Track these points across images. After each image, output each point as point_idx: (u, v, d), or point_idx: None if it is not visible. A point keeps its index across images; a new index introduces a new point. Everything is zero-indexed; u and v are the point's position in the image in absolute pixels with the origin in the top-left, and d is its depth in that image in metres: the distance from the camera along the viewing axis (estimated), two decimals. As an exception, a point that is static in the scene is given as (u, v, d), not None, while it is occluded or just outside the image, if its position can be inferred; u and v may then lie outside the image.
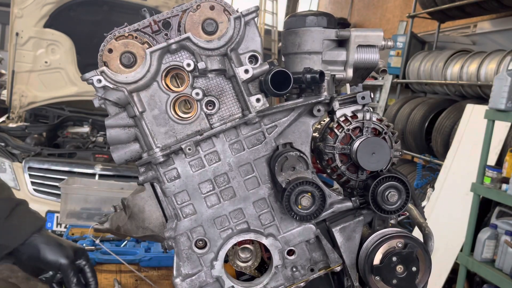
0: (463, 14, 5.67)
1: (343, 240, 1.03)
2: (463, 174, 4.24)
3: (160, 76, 0.98)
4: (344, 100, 1.04)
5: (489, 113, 3.52)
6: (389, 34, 7.35)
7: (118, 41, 0.95)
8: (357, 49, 1.03)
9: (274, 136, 1.02)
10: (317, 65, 1.04)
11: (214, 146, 1.00)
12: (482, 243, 3.45)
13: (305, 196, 0.94)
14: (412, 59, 6.15)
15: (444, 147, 4.90)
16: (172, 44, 0.96)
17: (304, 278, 1.05)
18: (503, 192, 3.35)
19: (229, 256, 1.05)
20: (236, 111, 1.00)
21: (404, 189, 0.98)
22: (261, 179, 1.02)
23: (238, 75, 0.97)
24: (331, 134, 1.03)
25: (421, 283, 1.00)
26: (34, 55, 5.15)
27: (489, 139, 3.56)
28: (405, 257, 0.98)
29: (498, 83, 3.37)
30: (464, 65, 5.10)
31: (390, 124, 1.03)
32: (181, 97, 0.99)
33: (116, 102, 0.97)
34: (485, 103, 4.02)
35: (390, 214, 1.00)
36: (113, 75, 0.95)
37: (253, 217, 1.03)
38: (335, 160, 1.02)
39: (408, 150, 5.75)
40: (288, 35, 1.06)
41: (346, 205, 1.04)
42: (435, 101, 5.62)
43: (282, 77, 0.93)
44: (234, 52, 0.98)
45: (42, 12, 5.02)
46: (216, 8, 0.97)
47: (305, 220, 0.97)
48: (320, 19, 1.03)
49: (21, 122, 5.29)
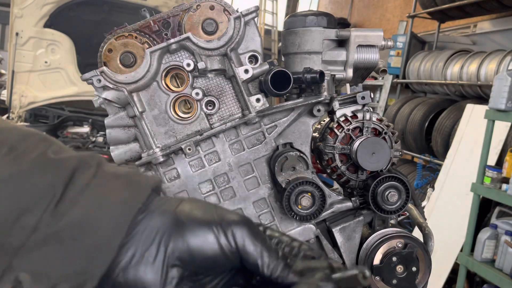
0: (463, 14, 5.67)
1: (343, 240, 1.03)
2: (463, 174, 4.24)
3: (160, 76, 0.98)
4: (344, 100, 1.04)
5: (489, 113, 3.52)
6: (389, 34, 7.34)
7: (118, 41, 0.95)
8: (357, 49, 1.03)
9: (274, 136, 1.01)
10: (317, 65, 1.04)
11: (214, 146, 1.00)
12: (482, 243, 3.45)
13: (305, 196, 0.94)
14: (412, 59, 6.15)
15: (444, 147, 4.90)
16: (172, 44, 0.96)
17: (304, 278, 1.05)
18: (503, 192, 3.35)
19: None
20: (236, 111, 1.00)
21: (404, 189, 0.98)
22: (261, 179, 1.02)
23: (238, 75, 0.97)
24: (331, 134, 1.03)
25: (421, 283, 1.00)
26: (34, 55, 5.15)
27: (489, 139, 3.56)
28: (405, 257, 0.98)
29: (498, 83, 3.37)
30: (464, 65, 5.10)
31: (390, 124, 1.03)
32: (181, 97, 0.99)
33: (116, 102, 0.97)
34: (485, 103, 4.02)
35: (390, 214, 0.99)
36: (113, 75, 0.95)
37: (253, 217, 1.02)
38: (335, 160, 1.02)
39: (408, 150, 5.75)
40: (288, 35, 1.06)
41: (346, 205, 1.04)
42: (435, 101, 5.62)
43: (282, 77, 0.93)
44: (234, 52, 0.98)
45: (42, 12, 5.03)
46: (216, 8, 0.97)
47: (305, 220, 0.97)
48: (320, 19, 1.03)
49: (21, 122, 5.29)
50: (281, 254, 0.54)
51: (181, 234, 0.52)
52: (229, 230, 0.52)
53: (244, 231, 0.53)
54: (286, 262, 0.53)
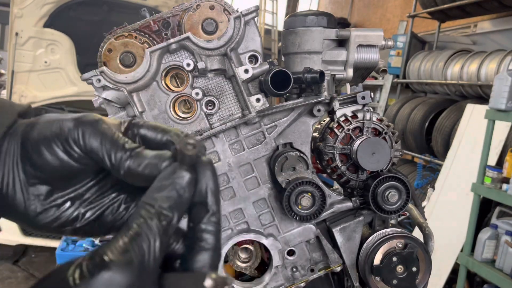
0: (463, 14, 5.67)
1: (343, 240, 1.03)
2: (463, 174, 4.24)
3: (159, 76, 0.98)
4: (344, 100, 1.04)
5: (490, 113, 3.52)
6: (389, 34, 7.34)
7: (117, 41, 0.95)
8: (357, 49, 1.02)
9: (274, 136, 1.01)
10: (317, 65, 1.03)
11: (214, 146, 1.00)
12: (482, 243, 3.45)
13: (305, 196, 0.94)
14: (413, 59, 6.15)
15: (445, 147, 4.90)
16: (171, 44, 0.95)
17: (304, 278, 1.05)
18: (503, 192, 3.35)
19: (229, 256, 1.04)
20: (236, 111, 1.00)
21: (404, 189, 0.98)
22: (261, 179, 1.02)
23: (238, 75, 0.97)
24: (331, 134, 1.03)
25: (421, 283, 1.00)
26: (34, 55, 5.15)
27: (490, 139, 3.56)
28: (405, 257, 0.98)
29: (498, 83, 3.37)
30: (465, 65, 5.10)
31: (390, 124, 1.03)
32: (181, 97, 0.99)
33: (116, 102, 0.97)
34: (486, 103, 4.01)
35: (390, 214, 0.99)
36: (112, 75, 0.95)
37: (253, 217, 1.02)
38: (335, 160, 1.02)
39: (408, 150, 5.75)
40: (288, 34, 1.05)
41: (346, 205, 1.04)
42: (435, 101, 5.62)
43: (282, 77, 0.93)
44: (234, 52, 0.98)
45: (41, 12, 5.02)
46: (216, 8, 0.97)
47: (305, 220, 0.97)
48: (320, 19, 1.03)
49: (21, 122, 5.28)
50: (131, 145, 0.54)
51: (26, 155, 0.56)
52: (69, 138, 0.55)
53: (87, 132, 0.55)
54: (132, 152, 0.53)
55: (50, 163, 0.55)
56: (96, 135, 0.54)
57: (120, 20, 0.98)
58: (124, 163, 0.52)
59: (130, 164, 0.52)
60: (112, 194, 0.62)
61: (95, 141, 0.54)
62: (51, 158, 0.55)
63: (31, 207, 0.57)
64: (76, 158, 0.55)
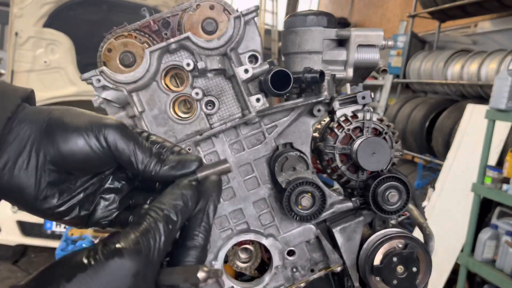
0: (463, 14, 5.67)
1: (344, 240, 1.03)
2: (463, 174, 4.24)
3: (159, 76, 0.98)
4: (344, 100, 1.04)
5: (490, 113, 3.52)
6: (389, 34, 7.34)
7: (117, 41, 0.95)
8: (358, 49, 1.02)
9: (274, 136, 1.01)
10: (317, 64, 1.03)
11: (214, 146, 1.00)
12: (482, 244, 3.45)
13: (305, 197, 0.94)
14: (413, 59, 6.15)
15: (445, 147, 4.90)
16: (171, 44, 0.95)
17: (304, 278, 1.05)
18: (503, 192, 3.35)
19: (228, 256, 1.04)
20: (236, 111, 1.00)
21: (405, 189, 0.98)
22: (261, 179, 1.02)
23: (238, 75, 0.97)
24: (331, 134, 1.02)
25: (421, 284, 1.00)
26: (34, 55, 5.15)
27: (490, 139, 3.56)
28: (405, 257, 0.98)
29: (498, 83, 3.37)
30: (465, 65, 5.10)
31: (391, 124, 1.03)
32: (181, 97, 0.99)
33: (116, 102, 0.97)
34: (486, 103, 4.02)
35: (391, 214, 0.99)
36: (112, 75, 0.95)
37: (253, 218, 1.02)
38: (335, 160, 1.02)
39: (408, 150, 5.75)
40: (288, 34, 1.05)
41: (347, 206, 1.04)
42: (435, 101, 5.62)
43: (282, 77, 0.93)
44: (234, 52, 0.98)
45: (41, 11, 5.02)
46: (216, 7, 0.97)
47: (305, 221, 0.97)
48: (320, 19, 1.03)
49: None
50: (155, 151, 0.62)
51: (52, 141, 0.58)
52: (100, 134, 0.59)
53: (117, 133, 0.59)
54: (159, 158, 0.61)
55: (75, 153, 0.58)
56: (127, 138, 0.59)
57: (120, 20, 0.97)
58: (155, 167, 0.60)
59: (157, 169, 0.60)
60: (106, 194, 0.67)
61: (124, 143, 0.59)
62: (77, 149, 0.58)
63: (41, 192, 0.60)
64: (100, 154, 0.59)
